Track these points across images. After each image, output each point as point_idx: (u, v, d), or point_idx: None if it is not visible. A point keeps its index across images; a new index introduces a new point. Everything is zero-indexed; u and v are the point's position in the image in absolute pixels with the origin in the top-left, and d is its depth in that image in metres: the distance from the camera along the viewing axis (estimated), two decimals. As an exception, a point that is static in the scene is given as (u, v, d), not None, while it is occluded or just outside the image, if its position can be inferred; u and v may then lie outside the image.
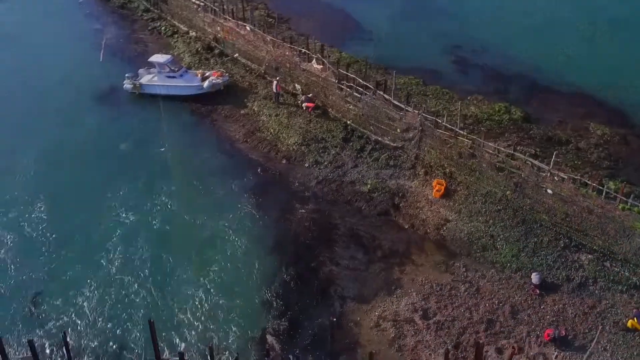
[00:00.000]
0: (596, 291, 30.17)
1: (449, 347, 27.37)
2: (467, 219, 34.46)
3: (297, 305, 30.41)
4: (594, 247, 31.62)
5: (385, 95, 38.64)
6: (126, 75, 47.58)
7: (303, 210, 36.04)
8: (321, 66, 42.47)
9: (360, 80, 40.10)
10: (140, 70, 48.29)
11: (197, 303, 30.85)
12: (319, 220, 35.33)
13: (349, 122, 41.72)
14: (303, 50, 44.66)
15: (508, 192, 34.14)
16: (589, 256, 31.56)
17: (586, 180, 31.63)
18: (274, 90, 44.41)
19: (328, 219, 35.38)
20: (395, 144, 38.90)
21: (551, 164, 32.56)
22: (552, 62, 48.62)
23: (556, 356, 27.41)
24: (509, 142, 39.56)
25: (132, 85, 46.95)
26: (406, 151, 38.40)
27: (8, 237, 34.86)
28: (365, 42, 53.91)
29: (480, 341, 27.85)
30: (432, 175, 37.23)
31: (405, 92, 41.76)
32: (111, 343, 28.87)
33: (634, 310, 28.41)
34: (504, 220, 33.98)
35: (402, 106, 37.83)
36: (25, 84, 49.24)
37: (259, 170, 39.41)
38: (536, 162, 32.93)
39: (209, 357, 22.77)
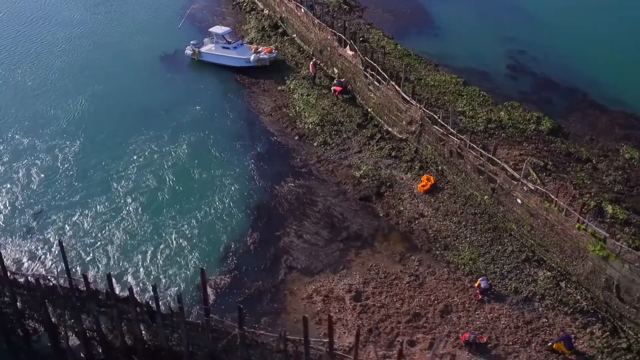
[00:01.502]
0: (540, 308, 29.29)
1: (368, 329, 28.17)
2: (441, 217, 34.46)
3: (247, 266, 32.36)
4: (553, 265, 30.59)
5: (396, 87, 39.07)
6: (191, 42, 51.55)
7: (292, 184, 37.76)
8: (352, 52, 43.58)
9: (380, 70, 40.75)
10: (205, 39, 52.02)
11: (169, 238, 34.22)
12: (302, 194, 36.90)
13: (370, 109, 42.61)
14: (339, 35, 45.87)
15: (486, 197, 33.68)
16: (547, 273, 30.60)
17: (549, 194, 30.45)
18: (311, 72, 46.20)
19: (311, 195, 36.84)
20: (401, 136, 39.36)
21: (522, 172, 31.68)
22: (611, 78, 46.06)
23: (470, 356, 27.15)
24: (522, 151, 38.66)
25: (192, 52, 50.88)
26: (409, 144, 38.76)
27: (41, 160, 40.43)
28: (428, 37, 54.20)
29: (396, 331, 28.32)
30: (426, 171, 37.38)
31: (413, 86, 41.80)
32: (82, 258, 33.06)
33: (561, 333, 27.39)
34: (476, 224, 33.68)
35: (408, 99, 38.10)
36: (105, 38, 55.23)
37: (270, 141, 41.69)
38: (510, 170, 32.16)
39: (108, 285, 25.35)
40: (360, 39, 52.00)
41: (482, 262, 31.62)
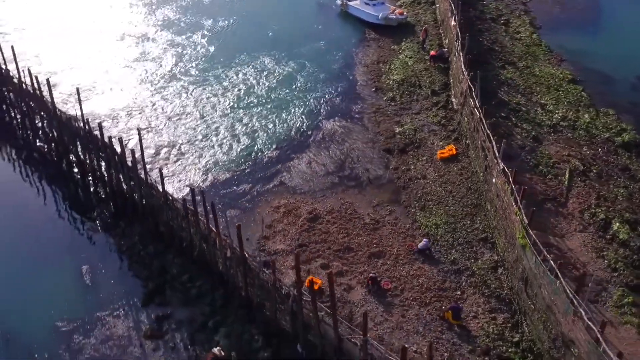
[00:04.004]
0: (464, 282, 29.36)
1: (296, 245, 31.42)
2: (439, 183, 35.20)
3: (250, 170, 37.14)
4: (499, 249, 30.15)
5: (462, 59, 39.54)
6: (344, -6, 56.42)
7: (338, 123, 41.14)
8: (454, 24, 44.41)
9: (458, 44, 41.37)
10: (360, -7, 56.32)
11: (223, 126, 41.72)
12: (339, 134, 40.09)
13: (451, 80, 43.44)
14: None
15: (481, 174, 33.63)
16: (495, 257, 30.26)
17: (509, 175, 29.59)
18: (421, 37, 48.10)
19: (345, 136, 39.84)
20: (456, 107, 39.99)
21: (500, 153, 31.05)
22: None
23: (366, 292, 28.76)
24: (572, 152, 36.89)
25: (340, 2, 55.68)
26: (457, 115, 39.33)
27: (181, 51, 51.10)
28: (580, 33, 51.68)
29: (320, 253, 30.96)
30: (459, 142, 37.91)
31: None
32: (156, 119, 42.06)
33: (452, 303, 27.54)
34: (463, 198, 33.95)
35: (464, 70, 38.49)
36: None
37: (351, 85, 45.58)
38: (494, 149, 31.64)
39: (99, 132, 32.25)
40: (502, 21, 51.98)
41: (443, 229, 32.05)
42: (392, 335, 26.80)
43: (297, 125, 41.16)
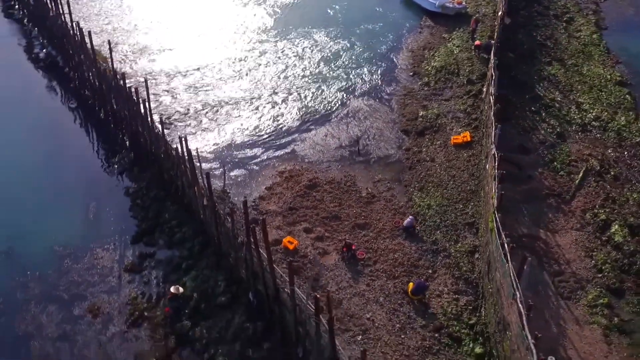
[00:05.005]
0: (438, 262, 29.48)
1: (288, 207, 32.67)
2: (444, 167, 35.16)
3: (267, 136, 38.63)
4: (480, 234, 29.98)
5: (493, 49, 38.98)
6: (411, -17, 56.39)
7: (365, 102, 41.68)
8: (500, 13, 43.67)
9: (495, 36, 40.79)
10: (429, -16, 56.13)
11: (266, 96, 42.87)
12: (363, 112, 40.61)
13: (492, 71, 42.80)
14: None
15: (484, 160, 33.35)
16: (476, 242, 30.15)
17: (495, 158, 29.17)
18: (471, 26, 47.60)
19: (369, 115, 40.30)
20: (484, 96, 39.54)
21: (495, 138, 30.61)
22: None
23: (339, 259, 29.59)
24: (594, 152, 35.78)
25: (405, -12, 55.89)
26: (482, 103, 38.93)
27: (248, 21, 53.15)
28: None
29: (308, 218, 31.99)
30: (478, 130, 37.61)
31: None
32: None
33: (423, 280, 27.81)
34: (464, 183, 33.83)
35: (491, 58, 37.96)
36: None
37: (390, 67, 45.58)
38: (493, 136, 31.21)
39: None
40: (565, 19, 50.50)
41: (434, 210, 32.11)
42: (350, 300, 27.47)
43: (327, 99, 42.08)
